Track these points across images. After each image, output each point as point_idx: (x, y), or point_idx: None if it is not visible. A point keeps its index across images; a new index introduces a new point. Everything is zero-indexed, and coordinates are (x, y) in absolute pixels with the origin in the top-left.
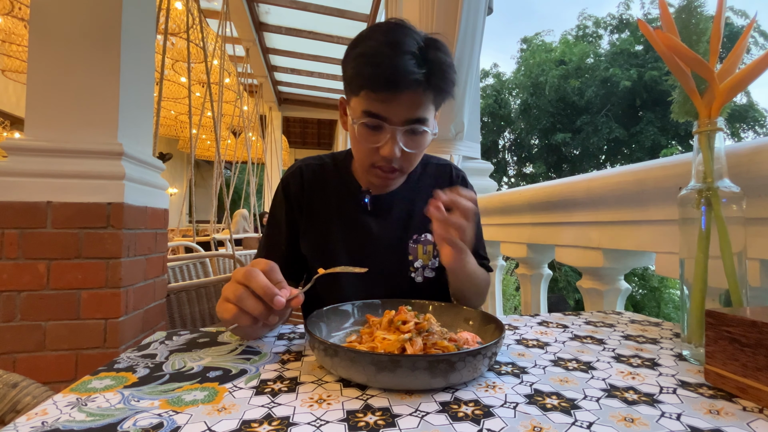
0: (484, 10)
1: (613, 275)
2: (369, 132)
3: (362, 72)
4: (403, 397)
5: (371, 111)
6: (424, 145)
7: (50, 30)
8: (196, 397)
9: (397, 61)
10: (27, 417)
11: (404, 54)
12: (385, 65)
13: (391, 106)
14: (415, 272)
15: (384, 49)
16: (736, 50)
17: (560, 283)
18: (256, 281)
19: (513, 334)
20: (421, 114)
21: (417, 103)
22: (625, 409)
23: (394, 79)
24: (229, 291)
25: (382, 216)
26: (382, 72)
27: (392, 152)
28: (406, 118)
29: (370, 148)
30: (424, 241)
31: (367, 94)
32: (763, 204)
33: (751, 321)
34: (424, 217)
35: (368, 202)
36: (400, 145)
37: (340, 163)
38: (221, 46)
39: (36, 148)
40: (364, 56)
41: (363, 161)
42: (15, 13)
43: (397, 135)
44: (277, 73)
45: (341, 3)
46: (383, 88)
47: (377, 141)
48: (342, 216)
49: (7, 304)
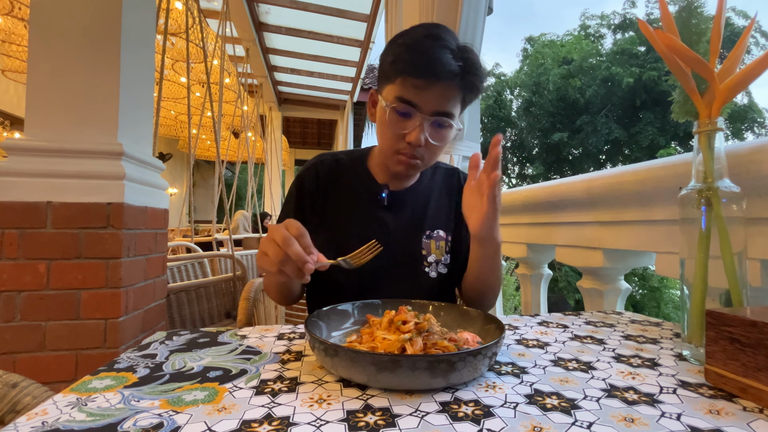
0: (484, 10)
1: (613, 275)
2: (398, 118)
3: (403, 58)
4: (403, 397)
5: (404, 97)
6: (447, 139)
7: (50, 30)
8: (197, 397)
9: (437, 52)
10: (27, 417)
11: (444, 48)
12: (427, 53)
13: (423, 95)
14: (428, 267)
15: (426, 41)
16: (736, 50)
17: (560, 283)
18: (292, 249)
19: (513, 334)
20: (450, 108)
21: (448, 96)
22: (625, 409)
23: (432, 67)
24: (270, 250)
25: (397, 211)
26: (422, 59)
27: (418, 139)
28: (435, 109)
29: (397, 134)
30: (436, 237)
31: (404, 81)
32: (763, 204)
33: (752, 321)
34: (436, 215)
35: (385, 197)
36: (426, 134)
37: (356, 159)
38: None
39: (36, 148)
40: (405, 45)
41: (387, 147)
42: (15, 13)
43: (425, 124)
44: (277, 73)
45: (341, 3)
46: (421, 74)
47: (405, 127)
48: (357, 210)
49: (7, 304)
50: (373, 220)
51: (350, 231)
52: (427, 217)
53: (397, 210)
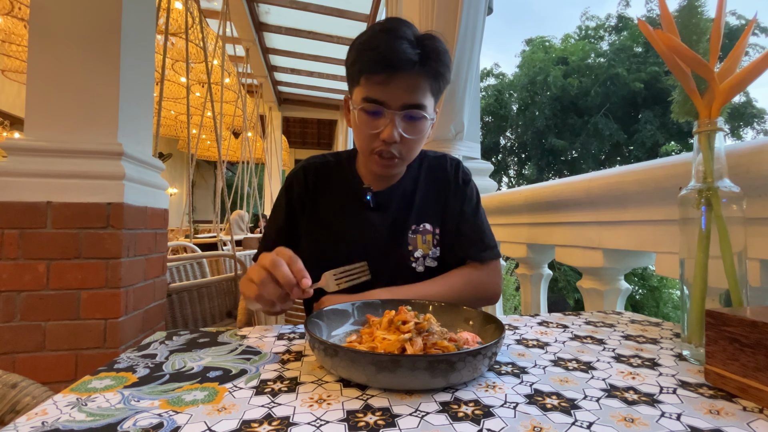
0: (484, 10)
1: (613, 275)
2: (369, 118)
3: (360, 57)
4: (403, 397)
5: (370, 96)
6: (422, 131)
7: (50, 30)
8: (196, 397)
9: (392, 43)
10: (27, 417)
11: (399, 38)
12: (381, 48)
13: (388, 90)
14: (415, 262)
15: (380, 35)
16: (736, 50)
17: (560, 283)
18: (279, 271)
19: (513, 334)
20: (419, 99)
21: (413, 86)
22: (625, 409)
23: (389, 59)
24: (254, 273)
25: (384, 210)
26: (378, 53)
27: (391, 135)
28: (403, 102)
29: (370, 134)
30: (423, 231)
31: (366, 80)
32: (763, 204)
33: (751, 321)
34: (422, 209)
35: (370, 200)
36: (399, 130)
37: (344, 161)
38: (221, 46)
39: (36, 148)
40: (361, 44)
41: (364, 148)
42: (15, 13)
43: (396, 119)
44: (277, 73)
45: (341, 3)
46: (379, 69)
47: (377, 126)
48: (345, 212)
49: (7, 304)
50: (360, 222)
51: (339, 234)
52: (412, 212)
53: (384, 209)
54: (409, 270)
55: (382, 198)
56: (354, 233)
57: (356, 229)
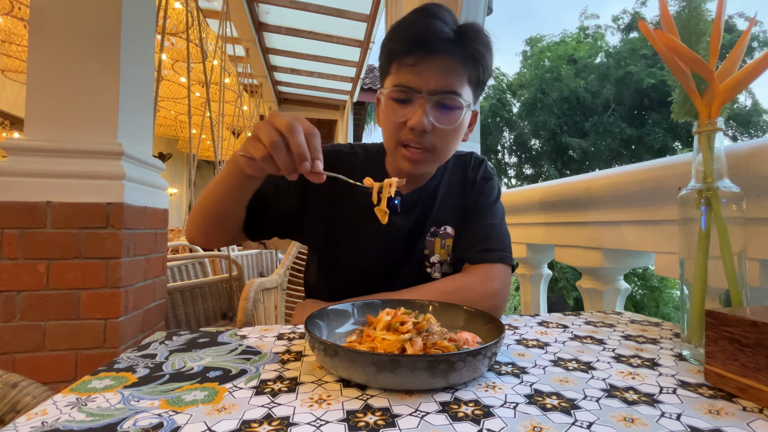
0: (484, 10)
1: (613, 275)
2: (397, 105)
3: (391, 39)
4: (403, 397)
5: (400, 82)
6: (457, 121)
7: (50, 30)
8: (196, 397)
9: (428, 22)
10: (27, 417)
11: (433, 17)
12: (416, 26)
13: (419, 73)
14: (430, 267)
15: (414, 15)
16: (736, 50)
17: (560, 283)
18: (296, 138)
19: (513, 334)
20: (454, 84)
21: (448, 69)
22: (625, 409)
23: (422, 38)
24: (263, 132)
25: (408, 213)
26: (412, 33)
27: (420, 122)
28: (436, 87)
29: (397, 123)
30: (443, 235)
31: (398, 65)
32: (763, 204)
33: (751, 321)
34: (442, 210)
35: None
36: (430, 118)
37: (371, 157)
38: (221, 46)
39: (36, 148)
40: (395, 29)
41: (391, 141)
42: (15, 13)
43: (426, 106)
44: (277, 73)
45: (341, 3)
46: (412, 49)
47: (405, 114)
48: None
49: (6, 304)
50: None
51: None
52: (432, 213)
53: (409, 212)
54: (424, 277)
55: (408, 202)
56: (373, 236)
57: (376, 233)
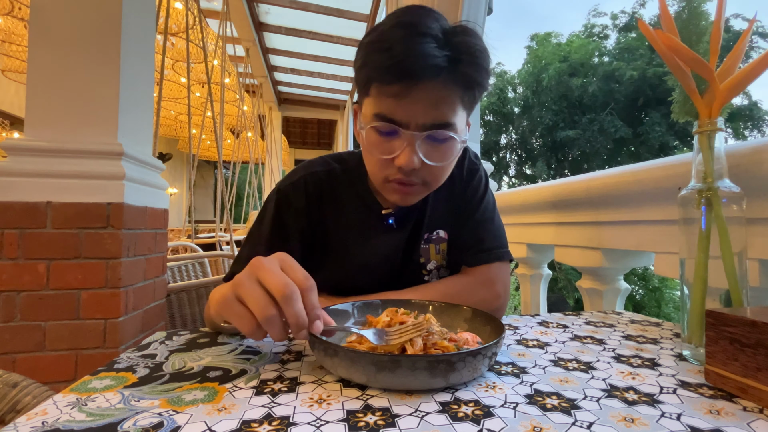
0: (484, 10)
1: (613, 275)
2: (381, 139)
3: (369, 60)
4: (403, 397)
5: (383, 113)
6: (449, 156)
7: (50, 30)
8: (196, 397)
9: (411, 43)
10: (27, 417)
11: (420, 35)
12: (395, 49)
13: (406, 105)
14: (428, 275)
15: (395, 31)
16: (736, 50)
17: (560, 282)
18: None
19: (513, 334)
20: (447, 115)
21: (439, 99)
22: (625, 409)
23: (405, 66)
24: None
25: (401, 226)
26: (391, 57)
27: (409, 161)
28: (425, 121)
29: (383, 160)
30: (436, 240)
31: (378, 90)
32: (763, 204)
33: (752, 321)
34: (434, 214)
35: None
36: (420, 155)
37: (352, 172)
38: (221, 46)
39: (36, 148)
40: (371, 43)
41: (376, 175)
42: (15, 13)
43: (415, 142)
44: (277, 73)
45: (341, 3)
46: (395, 78)
47: (391, 150)
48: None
49: (6, 304)
50: (375, 245)
51: (352, 258)
52: (425, 219)
53: (404, 225)
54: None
55: (403, 214)
56: (367, 256)
57: (370, 253)
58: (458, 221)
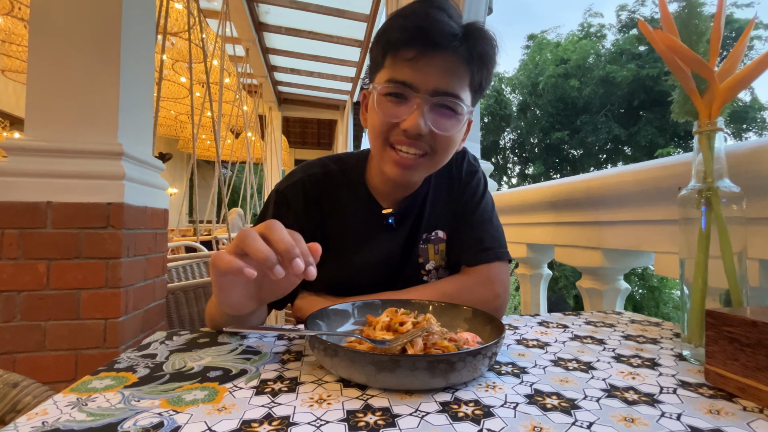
0: (484, 10)
1: (613, 275)
2: (390, 103)
3: (389, 28)
4: (403, 397)
5: (396, 77)
6: (456, 128)
7: (50, 30)
8: (197, 397)
9: (433, 13)
10: (27, 417)
11: (441, 10)
12: (419, 16)
13: (419, 69)
14: (427, 275)
15: (416, 4)
16: (736, 50)
17: (560, 282)
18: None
19: (513, 334)
20: (456, 86)
21: (451, 70)
22: (625, 409)
23: (426, 31)
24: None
25: (400, 226)
26: (414, 22)
27: (417, 125)
28: (436, 86)
29: (389, 123)
30: (435, 240)
31: (394, 58)
32: (763, 204)
33: (752, 321)
34: (433, 214)
35: (392, 222)
36: (427, 121)
37: (351, 171)
38: (221, 46)
39: (36, 148)
40: (393, 17)
41: (379, 141)
42: (15, 13)
43: (424, 107)
44: (276, 73)
45: (341, 3)
46: (413, 42)
47: (398, 114)
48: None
49: (7, 304)
50: (374, 246)
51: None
52: (423, 220)
53: (403, 223)
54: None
55: (402, 212)
56: (366, 257)
57: (369, 253)
58: (457, 222)
